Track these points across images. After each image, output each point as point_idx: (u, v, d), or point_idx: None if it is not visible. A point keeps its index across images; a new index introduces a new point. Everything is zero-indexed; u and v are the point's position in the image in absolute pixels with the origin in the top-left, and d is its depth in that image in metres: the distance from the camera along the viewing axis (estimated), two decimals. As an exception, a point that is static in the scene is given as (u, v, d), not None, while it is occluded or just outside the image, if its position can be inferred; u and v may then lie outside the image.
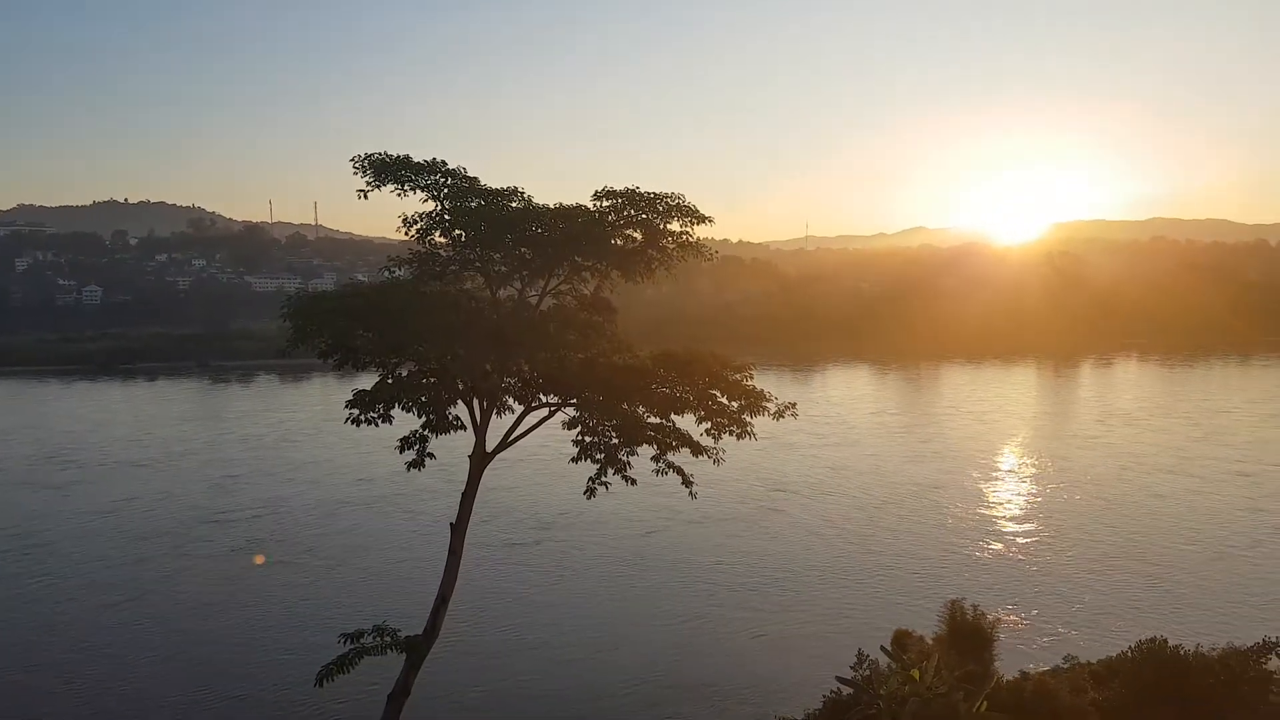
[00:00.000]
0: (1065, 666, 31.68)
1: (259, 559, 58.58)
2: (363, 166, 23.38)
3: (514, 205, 23.49)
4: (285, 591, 53.08)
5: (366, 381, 23.61)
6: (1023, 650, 40.20)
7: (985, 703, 22.80)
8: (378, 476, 77.11)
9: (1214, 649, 25.25)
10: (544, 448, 60.70)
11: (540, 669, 42.31)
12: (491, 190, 23.57)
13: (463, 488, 24.48)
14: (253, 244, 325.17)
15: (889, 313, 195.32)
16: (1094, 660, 31.58)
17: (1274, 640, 26.63)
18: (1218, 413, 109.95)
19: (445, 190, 23.37)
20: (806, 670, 37.24)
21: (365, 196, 23.51)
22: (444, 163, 23.42)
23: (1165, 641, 25.32)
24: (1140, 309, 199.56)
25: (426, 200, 23.56)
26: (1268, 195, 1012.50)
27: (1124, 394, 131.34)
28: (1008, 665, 30.25)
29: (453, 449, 25.84)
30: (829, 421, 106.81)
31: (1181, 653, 24.66)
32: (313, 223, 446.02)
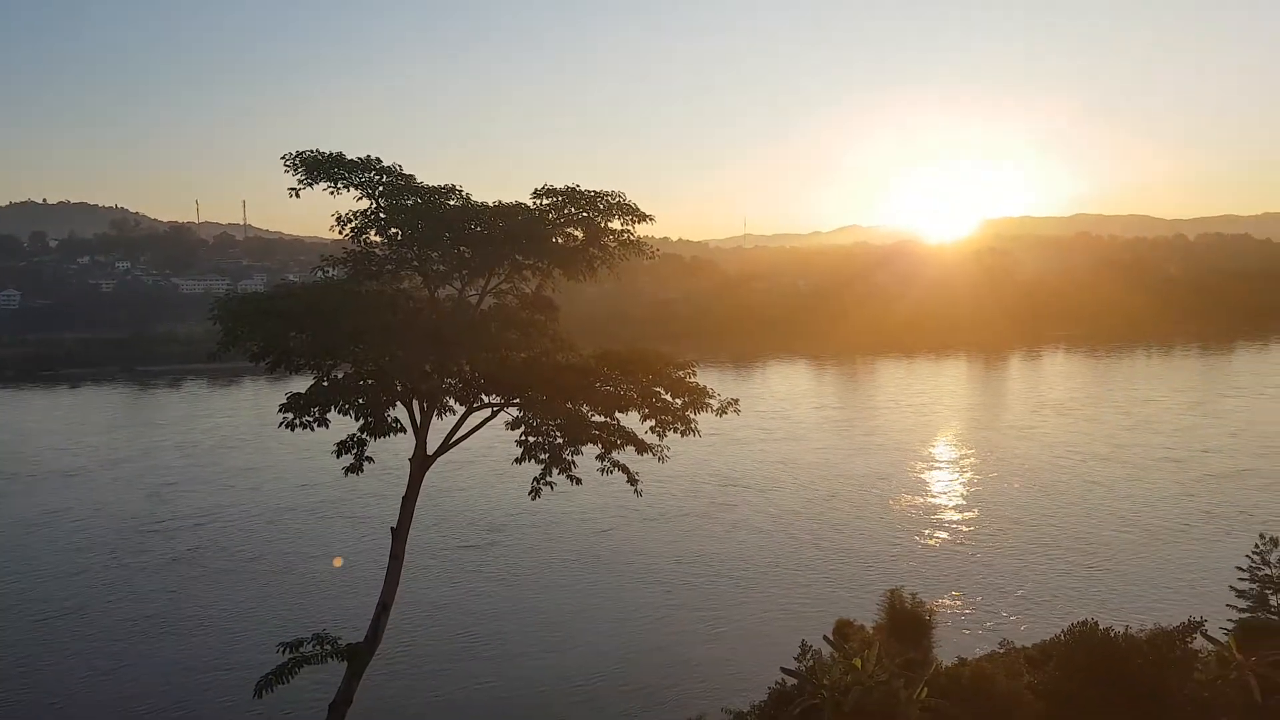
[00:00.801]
0: (1001, 652, 32.44)
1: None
2: (294, 164, 22.85)
3: (452, 203, 23.17)
4: (229, 600, 51.93)
5: (301, 384, 23.04)
6: (963, 636, 41.20)
7: (925, 689, 23.32)
8: (321, 482, 75.64)
9: (1142, 630, 26.13)
10: (492, 449, 60.32)
11: (493, 673, 42.02)
12: (428, 188, 23.22)
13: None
14: (179, 245, 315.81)
15: (826, 309, 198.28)
16: (1029, 645, 32.40)
17: (1198, 620, 27.73)
18: (1145, 402, 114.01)
19: (380, 188, 22.95)
20: (759, 663, 37.70)
21: (297, 195, 22.97)
22: (379, 160, 23.00)
23: (1096, 624, 26.13)
24: (1067, 303, 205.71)
25: (361, 198, 23.12)
26: (1187, 192, 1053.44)
27: (1055, 385, 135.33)
28: (947, 651, 30.96)
29: (397, 452, 25.43)
30: (775, 417, 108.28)
31: (1112, 635, 25.46)
32: (241, 222, 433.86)
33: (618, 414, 23.69)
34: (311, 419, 22.26)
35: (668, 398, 23.47)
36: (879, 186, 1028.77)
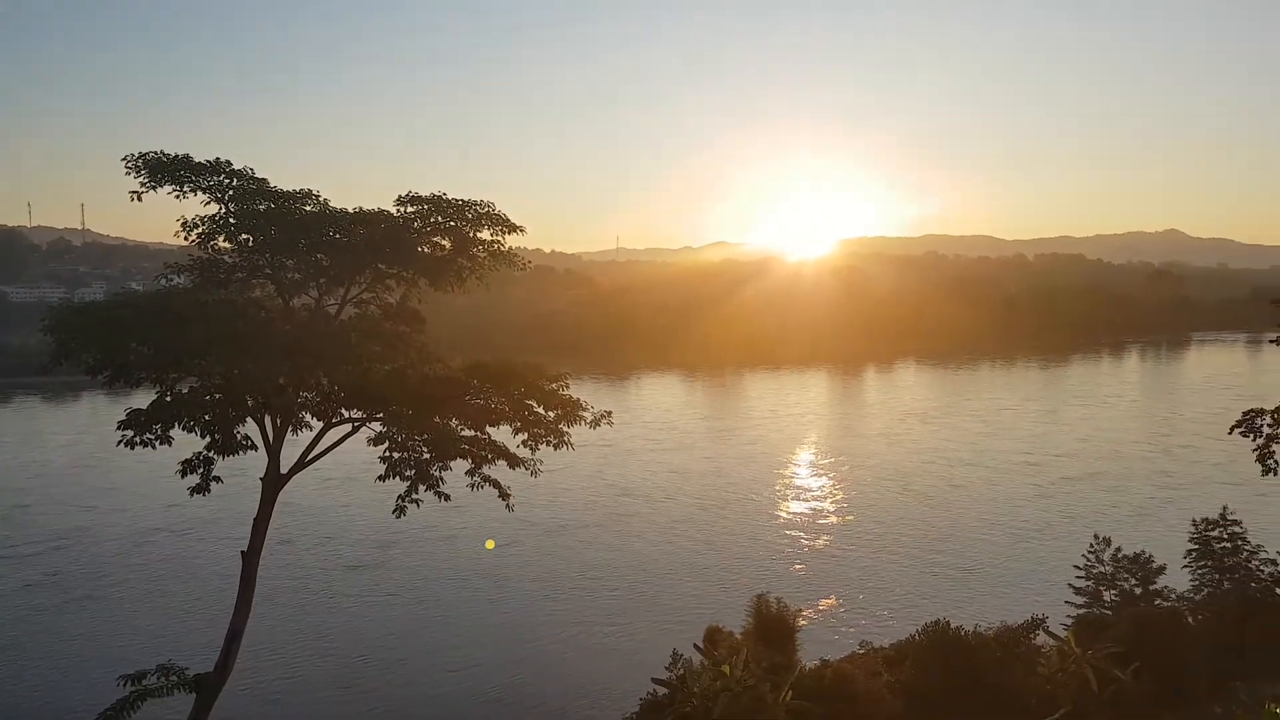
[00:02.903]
0: (861, 652, 33.58)
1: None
2: (136, 166, 21.50)
3: (308, 209, 22.21)
4: (91, 629, 48.53)
5: (144, 400, 21.57)
6: (827, 639, 42.31)
7: (790, 692, 23.83)
8: (191, 501, 70.19)
9: (990, 628, 27.54)
10: (375, 463, 58.34)
11: (384, 697, 40.50)
12: (282, 193, 22.19)
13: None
14: (8, 250, 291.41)
15: (698, 322, 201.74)
16: (887, 645, 33.65)
17: (1040, 617, 29.53)
18: (1000, 410, 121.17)
19: (231, 192, 21.80)
20: (646, 673, 37.93)
21: (139, 198, 21.61)
22: (229, 163, 21.85)
23: (948, 623, 27.36)
24: (917, 318, 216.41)
25: (209, 203, 21.91)
26: (1025, 215, 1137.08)
27: (916, 395, 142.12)
28: (811, 653, 31.76)
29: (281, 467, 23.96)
30: (662, 428, 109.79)
31: (962, 633, 26.69)
32: (79, 226, 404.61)
33: (488, 428, 23.21)
34: (154, 436, 20.87)
35: (540, 410, 23.13)
36: (747, 208, 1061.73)
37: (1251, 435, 29.64)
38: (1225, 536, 36.72)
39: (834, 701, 24.73)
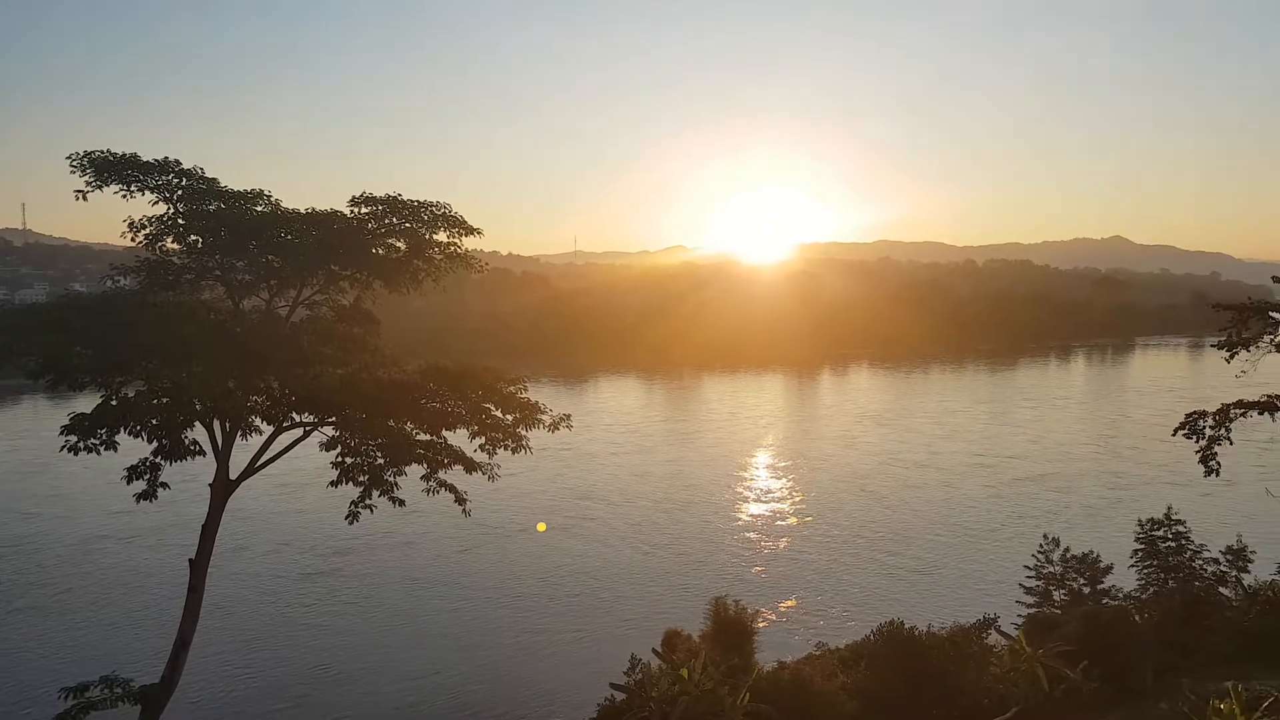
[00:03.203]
0: (817, 654, 33.79)
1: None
2: (81, 165, 21.02)
3: (259, 209, 21.84)
4: (33, 640, 46.82)
5: (88, 404, 20.99)
6: (785, 640, 42.56)
7: (748, 694, 23.90)
8: (139, 507, 68.08)
9: (943, 627, 27.85)
10: (331, 468, 57.23)
11: (340, 708, 39.76)
12: (233, 193, 21.82)
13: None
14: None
15: (654, 325, 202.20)
16: (843, 646, 33.92)
17: (992, 617, 29.98)
18: (953, 413, 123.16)
19: (179, 192, 21.37)
20: (606, 680, 37.82)
21: (84, 198, 21.10)
22: (178, 162, 21.42)
23: (902, 624, 27.62)
24: (871, 322, 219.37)
25: (157, 203, 21.44)
26: (973, 222, 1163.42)
27: (871, 398, 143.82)
28: (768, 656, 31.84)
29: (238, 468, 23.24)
30: (623, 430, 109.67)
31: (916, 633, 26.96)
32: (20, 226, 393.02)
33: (445, 432, 22.98)
34: (98, 442, 20.33)
35: (498, 414, 22.95)
36: (705, 211, 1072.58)
37: (1194, 437, 30.20)
38: (1170, 536, 37.54)
39: (791, 703, 24.83)
